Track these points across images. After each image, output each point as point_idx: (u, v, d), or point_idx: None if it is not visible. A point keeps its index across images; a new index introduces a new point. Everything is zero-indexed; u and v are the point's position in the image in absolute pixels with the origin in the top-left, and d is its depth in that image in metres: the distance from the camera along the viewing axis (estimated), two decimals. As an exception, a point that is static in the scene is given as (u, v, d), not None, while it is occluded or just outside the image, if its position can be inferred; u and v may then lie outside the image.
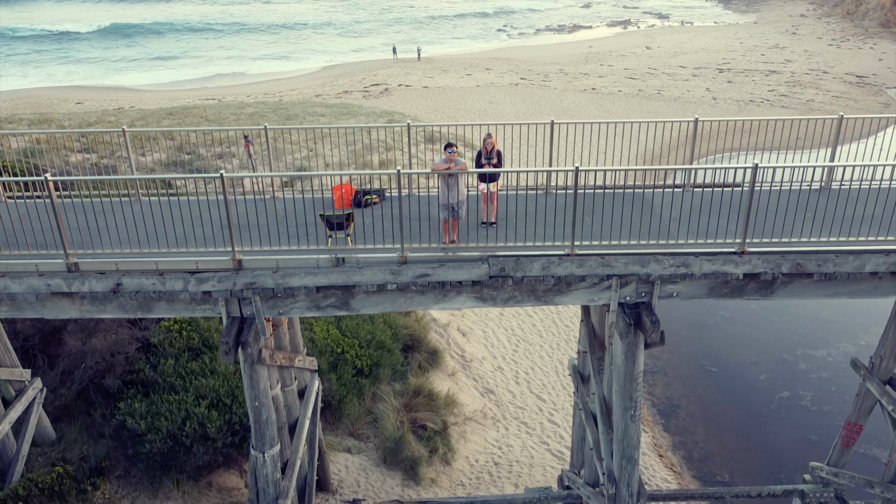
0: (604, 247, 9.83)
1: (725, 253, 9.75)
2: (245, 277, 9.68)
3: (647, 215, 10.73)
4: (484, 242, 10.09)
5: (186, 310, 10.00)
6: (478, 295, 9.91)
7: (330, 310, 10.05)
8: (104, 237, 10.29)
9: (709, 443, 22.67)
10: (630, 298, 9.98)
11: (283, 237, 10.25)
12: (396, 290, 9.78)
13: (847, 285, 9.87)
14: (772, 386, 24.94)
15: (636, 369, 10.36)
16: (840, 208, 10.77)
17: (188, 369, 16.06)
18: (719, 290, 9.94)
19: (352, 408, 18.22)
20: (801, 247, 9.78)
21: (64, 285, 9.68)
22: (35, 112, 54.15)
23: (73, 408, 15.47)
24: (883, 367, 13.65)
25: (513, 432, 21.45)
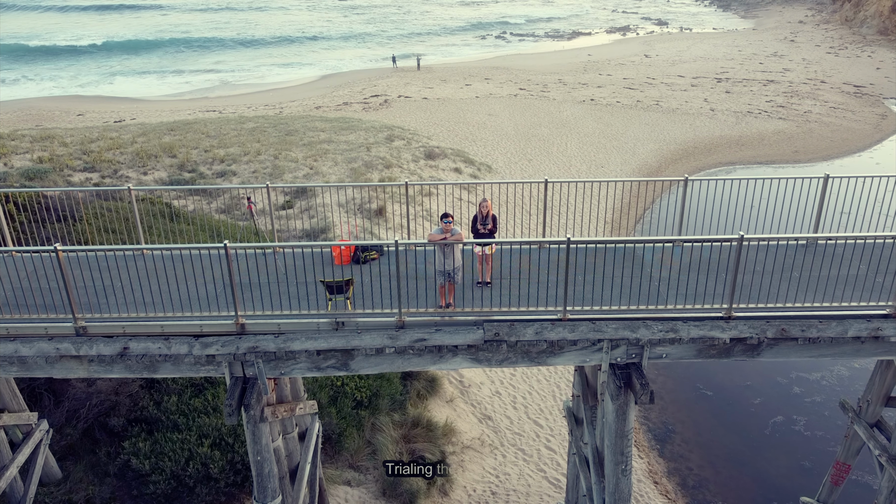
0: (595, 312, 10.17)
1: (713, 318, 10.09)
2: (248, 342, 10.01)
3: (637, 275, 11.08)
4: (479, 306, 10.43)
5: (191, 371, 10.32)
6: (473, 357, 10.24)
7: (330, 370, 10.38)
8: (111, 297, 10.65)
9: (703, 469, 22.99)
10: (621, 360, 10.32)
11: (284, 297, 10.59)
12: (395, 353, 10.11)
13: (830, 348, 10.21)
14: (766, 410, 25.26)
15: (627, 427, 10.70)
16: (825, 267, 11.12)
17: (191, 406, 16.39)
18: (707, 353, 10.27)
19: (351, 441, 18.55)
20: (785, 311, 10.12)
21: (73, 349, 10.01)
22: (37, 126, 54.53)
23: (79, 447, 15.80)
24: (870, 410, 13.99)
25: (510, 460, 21.77)
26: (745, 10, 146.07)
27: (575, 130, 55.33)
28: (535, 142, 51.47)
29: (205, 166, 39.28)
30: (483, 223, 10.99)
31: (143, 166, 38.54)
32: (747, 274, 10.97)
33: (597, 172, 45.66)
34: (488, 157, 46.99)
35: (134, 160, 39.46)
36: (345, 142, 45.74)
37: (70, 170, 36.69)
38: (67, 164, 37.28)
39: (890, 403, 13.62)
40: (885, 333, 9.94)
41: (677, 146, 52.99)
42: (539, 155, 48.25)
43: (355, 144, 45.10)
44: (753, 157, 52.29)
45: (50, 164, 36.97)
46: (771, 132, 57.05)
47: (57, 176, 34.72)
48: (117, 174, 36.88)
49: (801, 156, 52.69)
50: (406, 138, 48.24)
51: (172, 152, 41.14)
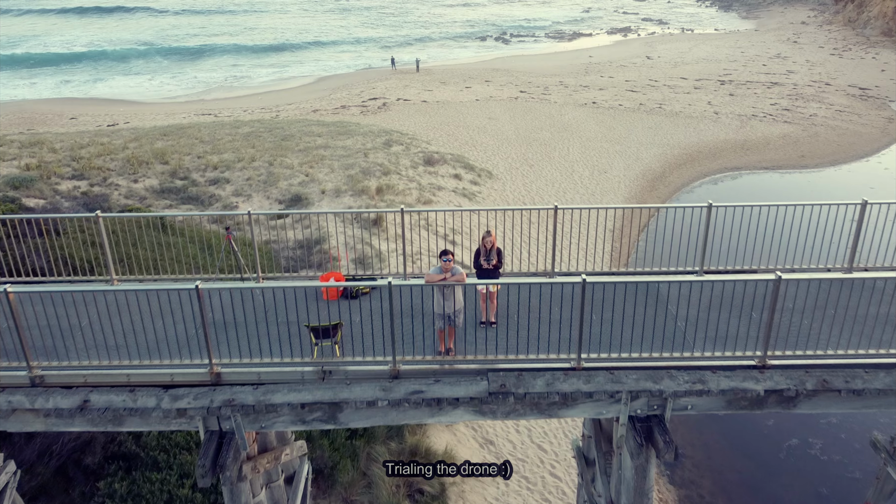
0: (613, 359, 9.08)
1: (745, 367, 9.00)
2: (223, 394, 8.91)
3: (658, 313, 9.98)
4: (483, 353, 9.32)
5: (161, 425, 9.22)
6: (476, 409, 9.15)
7: (316, 424, 9.28)
8: (71, 340, 9.54)
9: (715, 497, 21.89)
10: (641, 412, 9.22)
11: (264, 340, 9.48)
12: (388, 406, 9.01)
13: (877, 400, 9.12)
14: (780, 433, 24.15)
15: (647, 485, 9.61)
16: (864, 304, 10.03)
17: (172, 441, 15.29)
18: (737, 405, 9.18)
19: (345, 473, 17.44)
20: (826, 359, 9.03)
21: (27, 402, 8.91)
22: (27, 130, 53.41)
23: (51, 486, 14.68)
24: (906, 452, 12.88)
25: (513, 489, 20.66)
26: (747, 10, 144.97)
27: (577, 134, 54.22)
28: (537, 146, 50.35)
29: (197, 173, 38.13)
30: (487, 258, 9.89)
31: (134, 173, 37.39)
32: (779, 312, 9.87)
33: (599, 178, 44.59)
34: (489, 163, 45.85)
35: (124, 167, 38.31)
36: (342, 147, 44.60)
37: (58, 177, 35.52)
38: (55, 171, 36.11)
39: (928, 445, 12.53)
40: (940, 384, 8.86)
41: (681, 150, 51.91)
42: (541, 160, 47.13)
43: (352, 150, 43.97)
44: (759, 161, 51.20)
45: (37, 171, 35.82)
46: (776, 136, 55.97)
47: (43, 184, 33.57)
48: (106, 182, 35.73)
49: (807, 160, 51.60)
50: (405, 143, 47.12)
51: (164, 159, 39.98)
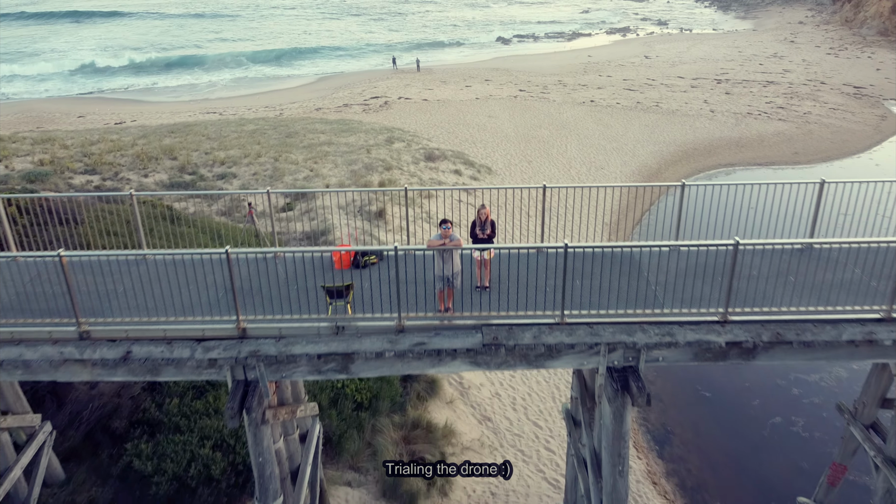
0: (592, 316, 10.30)
1: (708, 322, 10.22)
2: (249, 346, 10.14)
3: (634, 279, 11.20)
4: (478, 311, 10.55)
5: (193, 374, 10.44)
6: (472, 360, 10.36)
7: (330, 374, 10.50)
8: (113, 301, 10.79)
9: (702, 471, 23.09)
10: (618, 363, 10.44)
11: (285, 302, 10.71)
12: (394, 357, 10.23)
13: (825, 351, 10.32)
14: (764, 412, 25.35)
15: (624, 429, 10.82)
16: (821, 272, 11.26)
17: (192, 409, 16.52)
18: (703, 356, 10.38)
19: (352, 442, 18.66)
20: (780, 316, 10.25)
21: (76, 353, 10.14)
22: (37, 128, 54.67)
23: (81, 449, 15.91)
24: (866, 413, 14.10)
25: (510, 461, 21.87)
26: (745, 10, 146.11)
27: (575, 132, 55.41)
28: (535, 143, 51.56)
29: (205, 168, 39.40)
30: (482, 229, 11.12)
31: (144, 168, 38.66)
32: (743, 279, 11.09)
33: (597, 174, 45.78)
34: (488, 159, 47.08)
35: (134, 162, 39.58)
36: (345, 144, 45.85)
37: (71, 172, 36.80)
38: (68, 166, 37.40)
39: (885, 405, 13.74)
40: (879, 337, 10.05)
41: (677, 147, 53.06)
42: (539, 157, 48.34)
43: (355, 146, 45.22)
44: (753, 158, 52.37)
45: (51, 166, 37.09)
46: (771, 133, 57.12)
47: (58, 178, 34.84)
48: (118, 176, 37.00)
49: (800, 157, 52.77)
50: (406, 140, 48.36)
51: (173, 154, 41.26)
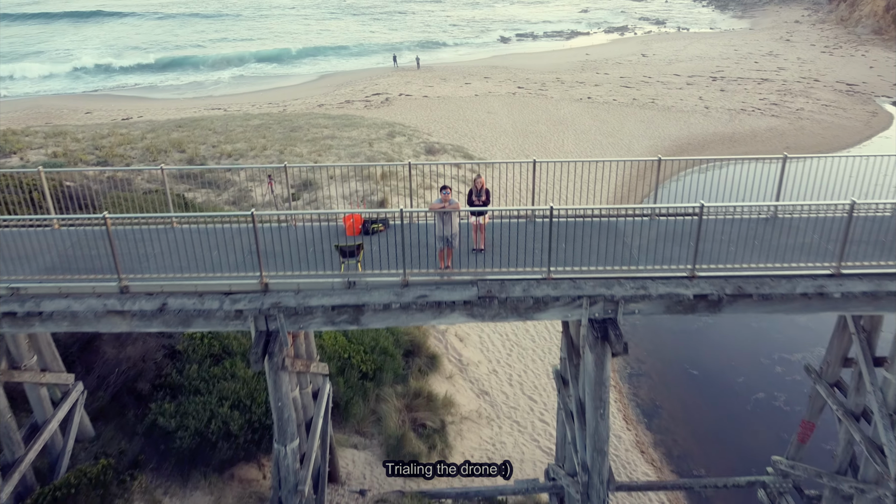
0: (575, 272, 11.60)
1: (678, 277, 11.52)
2: (271, 298, 11.44)
3: (614, 243, 12.52)
4: (474, 268, 11.86)
5: (220, 325, 11.74)
6: (469, 312, 11.66)
7: (343, 324, 11.80)
8: (151, 262, 12.11)
9: (688, 441, 24.42)
10: (598, 315, 11.73)
11: (302, 262, 12.02)
12: (399, 309, 11.53)
13: (782, 304, 11.62)
14: (748, 388, 26.70)
15: (604, 375, 12.12)
16: (783, 237, 12.58)
17: (211, 374, 17.82)
18: (674, 308, 11.68)
19: (357, 408, 19.97)
20: (742, 272, 11.55)
21: (118, 305, 11.44)
22: (46, 123, 55.97)
23: (109, 409, 17.21)
24: (830, 371, 15.42)
25: (506, 430, 23.20)
26: (743, 10, 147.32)
27: (572, 127, 56.72)
28: (533, 138, 52.89)
29: (213, 161, 40.68)
30: (477, 196, 12.41)
31: (154, 161, 39.96)
32: (713, 243, 12.40)
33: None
34: (487, 153, 48.41)
35: (144, 155, 40.90)
36: (347, 138, 47.20)
37: (84, 164, 38.09)
38: (81, 158, 38.71)
39: (846, 364, 15.04)
40: (829, 290, 11.35)
41: (672, 142, 54.34)
42: (536, 151, 49.64)
43: (358, 140, 46.56)
44: (745, 153, 53.59)
45: (64, 158, 38.39)
46: (763, 129, 58.42)
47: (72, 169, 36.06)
48: (129, 168, 38.28)
49: (792, 151, 53.96)
50: (407, 134, 49.69)
51: (181, 147, 42.58)
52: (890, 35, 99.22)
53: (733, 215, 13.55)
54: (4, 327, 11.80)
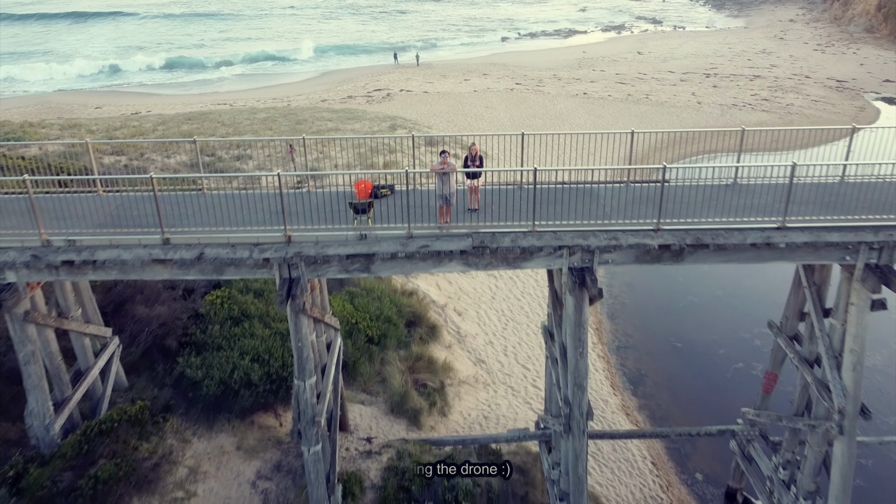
0: (557, 225, 13.41)
1: (645, 230, 13.32)
2: (294, 248, 13.24)
3: (591, 204, 14.35)
4: (469, 223, 13.67)
5: (249, 273, 13.53)
6: (465, 261, 13.46)
7: (355, 272, 13.61)
8: (187, 221, 13.92)
9: (670, 405, 26.24)
10: (577, 264, 13.53)
11: (320, 219, 13.83)
12: (404, 258, 13.33)
13: (736, 254, 13.42)
14: (729, 359, 28.53)
15: (583, 317, 13.93)
16: (741, 199, 14.40)
17: (231, 333, 19.65)
18: (643, 258, 13.49)
19: (364, 368, 21.78)
20: (700, 225, 13.36)
21: (161, 254, 13.23)
22: (59, 117, 57.78)
23: (140, 363, 19.03)
24: (788, 325, 17.24)
25: (500, 394, 25.02)
26: (739, 8, 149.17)
27: (568, 122, 58.55)
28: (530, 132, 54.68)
29: (222, 151, 42.49)
30: (472, 161, 14.20)
31: (166, 151, 41.74)
32: (678, 204, 14.21)
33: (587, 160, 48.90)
34: (485, 145, 50.18)
35: (156, 146, 42.67)
36: (351, 130, 49.02)
37: (100, 153, 39.88)
38: (97, 148, 40.47)
39: (802, 318, 16.84)
40: (775, 241, 13.16)
41: (664, 135, 56.09)
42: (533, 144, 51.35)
43: (360, 132, 48.38)
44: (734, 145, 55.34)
45: (80, 148, 40.15)
46: (753, 123, 60.16)
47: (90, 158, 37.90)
48: (143, 157, 40.09)
49: (779, 144, 55.85)
50: (408, 127, 51.50)
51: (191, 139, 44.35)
52: (881, 33, 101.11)
53: (698, 182, 15.36)
54: (62, 275, 13.61)
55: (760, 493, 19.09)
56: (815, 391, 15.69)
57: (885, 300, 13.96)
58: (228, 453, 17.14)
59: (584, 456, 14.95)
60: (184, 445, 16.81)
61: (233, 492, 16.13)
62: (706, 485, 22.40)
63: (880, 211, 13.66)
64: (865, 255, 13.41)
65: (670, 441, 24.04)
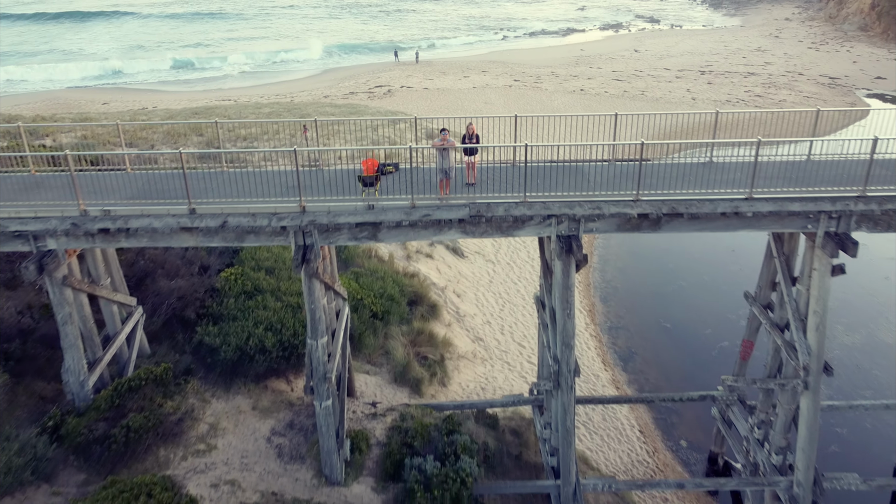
0: (546, 196, 14.84)
1: (625, 200, 14.75)
2: (308, 217, 14.66)
3: (578, 180, 15.78)
4: (467, 194, 15.10)
5: (268, 240, 14.94)
6: (462, 229, 14.88)
7: (364, 240, 15.03)
8: (210, 194, 15.35)
9: (658, 380, 27.66)
10: (564, 232, 14.94)
11: (332, 192, 15.26)
12: (408, 226, 14.76)
13: (707, 222, 14.84)
14: (715, 338, 29.97)
15: (570, 281, 15.36)
16: (714, 174, 15.83)
17: (246, 306, 21.06)
18: (623, 226, 14.90)
19: (369, 341, 23.20)
20: (675, 196, 14.79)
21: (188, 222, 14.65)
22: (70, 112, 59.22)
23: (161, 332, 20.45)
24: (762, 294, 18.68)
25: (497, 368, 26.46)
26: (736, 7, 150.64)
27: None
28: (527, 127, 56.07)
29: (230, 143, 43.94)
30: (469, 139, 15.63)
31: (175, 143, 43.18)
32: (657, 179, 15.63)
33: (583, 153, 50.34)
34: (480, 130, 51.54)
35: (166, 138, 44.10)
36: (353, 123, 50.44)
37: (112, 145, 41.31)
38: (109, 140, 41.92)
39: (774, 288, 18.27)
40: (742, 210, 14.58)
41: (658, 131, 57.48)
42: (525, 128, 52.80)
43: (363, 126, 49.79)
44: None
45: (93, 140, 41.61)
46: (746, 119, 61.54)
47: (103, 149, 39.38)
48: (154, 148, 41.55)
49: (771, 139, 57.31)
50: (409, 121, 52.91)
51: (200, 132, 45.80)
52: (875, 31, 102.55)
53: (675, 159, 16.78)
54: (98, 242, 15.03)
55: (738, 452, 20.54)
56: (784, 353, 17.12)
57: (843, 265, 15.38)
58: (245, 412, 18.57)
59: (572, 409, 16.39)
60: (204, 405, 18.24)
61: (250, 445, 17.55)
62: (690, 451, 23.85)
63: (839, 184, 15.09)
64: (825, 224, 14.85)
65: (656, 411, 25.49)
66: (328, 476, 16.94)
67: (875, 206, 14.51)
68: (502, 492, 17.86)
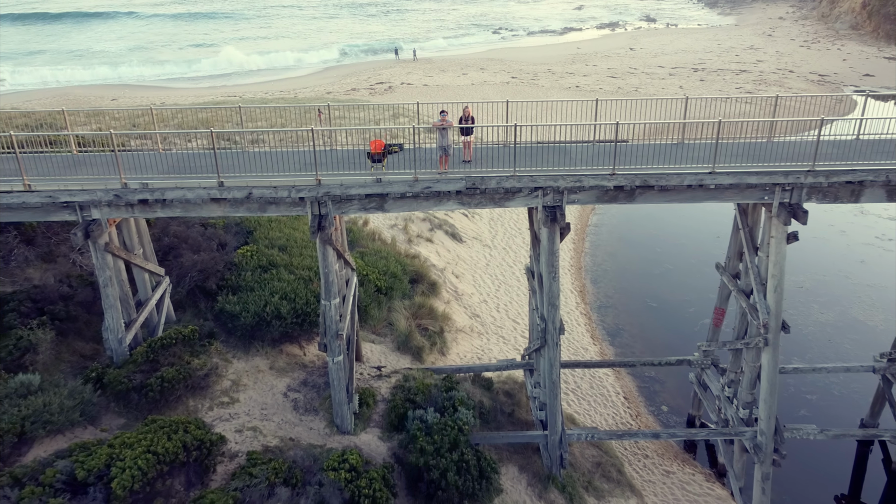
0: (534, 170, 16.80)
1: (603, 174, 16.70)
2: (323, 189, 16.60)
3: (564, 157, 17.75)
4: (463, 169, 17.06)
5: (287, 210, 16.89)
6: (459, 200, 16.84)
7: (372, 210, 16.97)
8: (236, 170, 17.31)
9: (644, 353, 29.61)
10: (549, 203, 16.89)
11: (344, 167, 17.22)
12: (411, 198, 16.71)
13: (676, 194, 16.81)
14: (697, 316, 31.93)
15: (554, 247, 17.31)
16: (682, 153, 17.79)
17: (262, 278, 23.01)
18: (602, 198, 16.86)
19: (374, 313, 25.15)
20: (647, 170, 16.75)
21: (217, 194, 16.60)
22: (81, 107, 61.12)
23: (185, 301, 22.38)
24: (730, 264, 20.65)
25: (493, 342, 28.43)
26: (731, 6, 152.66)
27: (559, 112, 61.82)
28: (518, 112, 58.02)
29: (238, 136, 45.88)
30: (465, 121, 17.60)
31: (186, 136, 45.12)
32: (633, 156, 17.59)
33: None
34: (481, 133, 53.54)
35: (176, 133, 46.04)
36: (356, 118, 52.41)
37: (125, 137, 43.24)
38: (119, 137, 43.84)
39: (740, 258, 20.22)
40: (706, 182, 16.53)
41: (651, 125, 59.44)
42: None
43: (365, 120, 51.77)
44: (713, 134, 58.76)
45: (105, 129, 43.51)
46: (735, 115, 63.48)
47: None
48: (166, 140, 43.44)
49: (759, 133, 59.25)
50: (409, 116, 54.86)
51: (209, 125, 47.77)
52: (865, 30, 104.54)
53: (650, 141, 18.75)
54: (136, 212, 16.98)
55: (711, 412, 22.52)
56: (749, 315, 19.08)
57: (797, 233, 17.35)
58: (263, 371, 20.53)
59: (558, 364, 18.35)
60: (226, 364, 20.20)
61: (268, 399, 19.51)
62: (670, 414, 25.82)
63: (793, 160, 17.06)
64: (780, 196, 16.82)
65: (640, 379, 27.48)
66: (339, 426, 18.89)
67: (823, 179, 16.49)
68: (496, 441, 19.81)
